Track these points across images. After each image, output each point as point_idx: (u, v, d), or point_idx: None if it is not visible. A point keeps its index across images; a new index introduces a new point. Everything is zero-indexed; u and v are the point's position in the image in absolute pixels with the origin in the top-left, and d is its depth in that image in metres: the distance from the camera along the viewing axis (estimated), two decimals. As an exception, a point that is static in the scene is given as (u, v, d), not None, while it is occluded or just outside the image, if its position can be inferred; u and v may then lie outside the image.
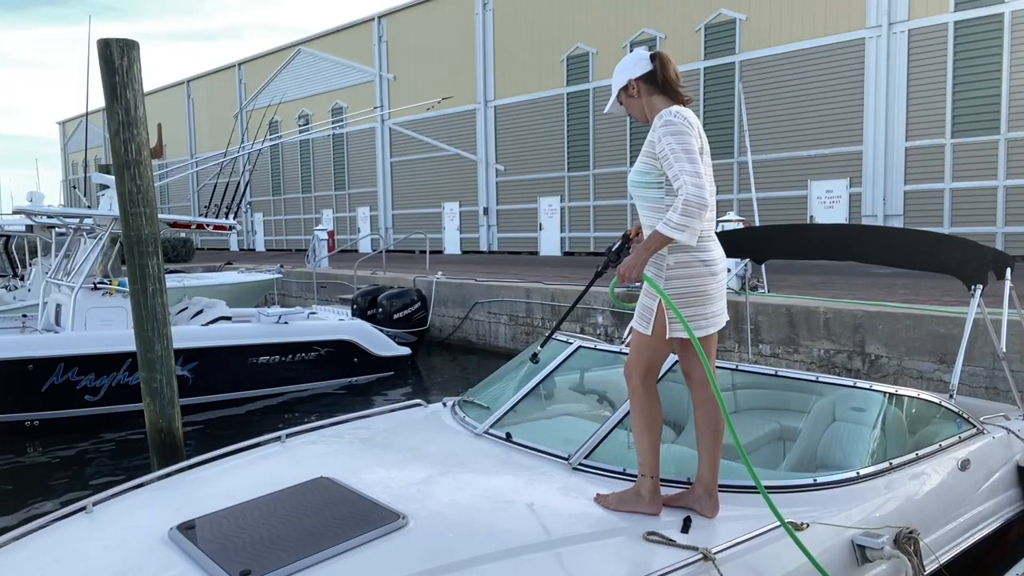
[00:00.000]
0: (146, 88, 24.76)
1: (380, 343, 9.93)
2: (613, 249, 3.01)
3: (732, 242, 5.19)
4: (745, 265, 8.28)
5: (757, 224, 9.57)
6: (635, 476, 2.87)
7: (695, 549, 2.37)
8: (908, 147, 16.57)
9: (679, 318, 2.57)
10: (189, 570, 2.22)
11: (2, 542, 2.60)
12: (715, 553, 2.35)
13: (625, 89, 2.77)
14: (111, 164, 5.63)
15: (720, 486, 2.74)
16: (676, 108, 2.64)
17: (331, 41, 30.69)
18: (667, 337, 2.67)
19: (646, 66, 2.73)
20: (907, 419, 3.38)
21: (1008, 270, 4.36)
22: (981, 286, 4.24)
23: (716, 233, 2.82)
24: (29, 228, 10.86)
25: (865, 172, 17.16)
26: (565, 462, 3.01)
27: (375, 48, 28.61)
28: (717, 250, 2.71)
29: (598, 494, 2.72)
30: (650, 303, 2.69)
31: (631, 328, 2.90)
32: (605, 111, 2.97)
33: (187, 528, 2.45)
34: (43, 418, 7.78)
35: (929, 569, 2.91)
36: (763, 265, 6.43)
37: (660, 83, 2.72)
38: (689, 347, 2.80)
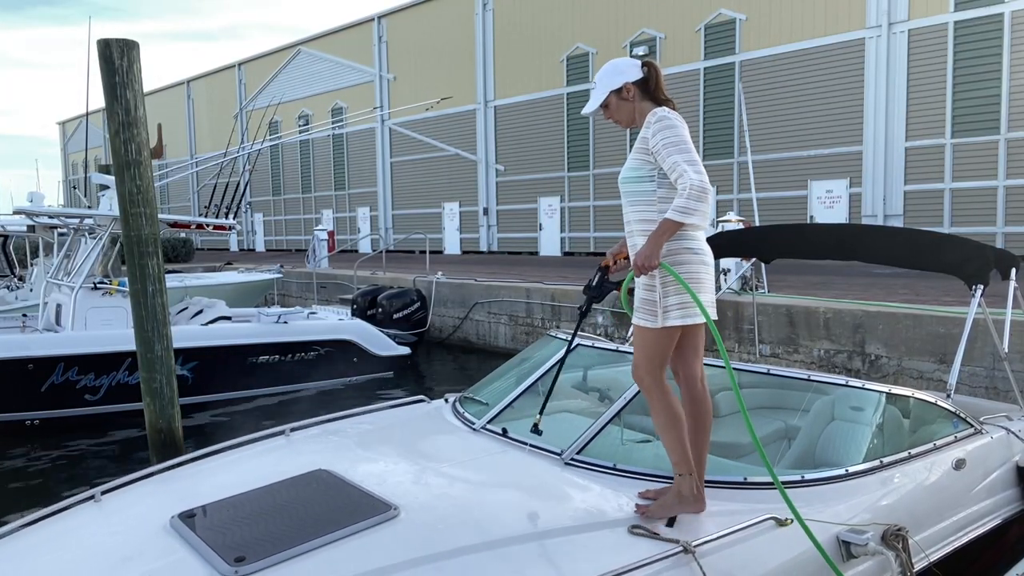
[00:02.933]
0: (146, 88, 24.73)
1: (380, 343, 9.93)
2: (593, 283, 3.02)
3: (736, 242, 5.19)
4: (750, 265, 8.28)
5: (757, 224, 9.56)
6: (627, 472, 2.91)
7: (676, 542, 2.41)
8: (908, 147, 16.58)
9: (696, 302, 2.61)
10: (188, 556, 2.31)
11: (15, 527, 2.71)
12: (696, 546, 2.40)
13: (618, 92, 2.84)
14: (111, 164, 5.64)
15: (708, 482, 2.77)
16: (668, 108, 2.76)
17: (331, 41, 30.70)
18: (662, 325, 2.68)
19: (639, 72, 2.83)
20: (903, 418, 3.39)
21: (1013, 270, 4.37)
22: (982, 286, 4.24)
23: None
24: (31, 228, 10.88)
25: (865, 172, 17.17)
26: (557, 457, 3.04)
27: (375, 48, 28.62)
28: (704, 241, 2.78)
29: (637, 505, 2.67)
30: (651, 295, 2.70)
31: (633, 328, 2.89)
32: (583, 112, 3.01)
33: (187, 516, 2.56)
34: (43, 417, 7.79)
35: (919, 567, 2.92)
36: (764, 265, 6.45)
37: (652, 90, 2.83)
38: (680, 342, 2.81)
